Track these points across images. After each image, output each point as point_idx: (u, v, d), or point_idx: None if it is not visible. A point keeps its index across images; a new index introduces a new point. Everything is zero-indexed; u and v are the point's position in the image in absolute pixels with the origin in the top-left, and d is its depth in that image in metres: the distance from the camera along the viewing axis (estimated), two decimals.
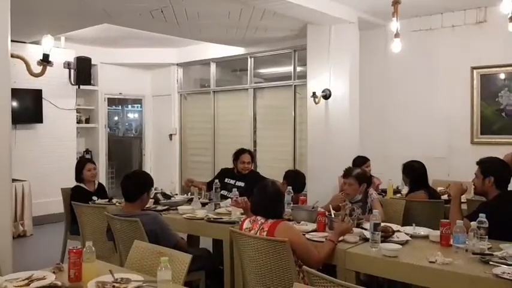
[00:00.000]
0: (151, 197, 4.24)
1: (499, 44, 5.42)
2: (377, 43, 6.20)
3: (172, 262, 2.36)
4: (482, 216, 2.67)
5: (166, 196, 4.49)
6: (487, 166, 3.17)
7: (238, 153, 4.82)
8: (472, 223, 2.70)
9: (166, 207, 4.16)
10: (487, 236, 2.64)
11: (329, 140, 5.90)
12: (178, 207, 4.04)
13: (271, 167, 7.30)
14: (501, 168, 3.15)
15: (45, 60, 3.10)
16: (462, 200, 3.86)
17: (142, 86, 9.25)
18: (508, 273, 2.26)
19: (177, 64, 8.94)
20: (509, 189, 3.22)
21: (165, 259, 2.03)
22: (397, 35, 4.43)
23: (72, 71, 7.63)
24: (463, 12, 5.72)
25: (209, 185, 4.60)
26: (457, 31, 5.79)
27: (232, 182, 4.63)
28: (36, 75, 3.20)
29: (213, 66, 8.50)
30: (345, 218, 3.07)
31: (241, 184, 4.58)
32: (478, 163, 3.24)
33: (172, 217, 3.87)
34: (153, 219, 3.23)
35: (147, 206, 3.74)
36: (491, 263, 2.42)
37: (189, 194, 4.67)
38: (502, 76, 5.55)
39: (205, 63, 8.59)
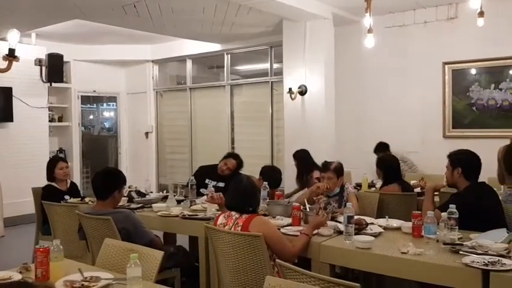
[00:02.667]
0: (125, 195, 4.19)
1: (469, 40, 5.53)
2: (352, 39, 6.24)
3: (144, 259, 2.32)
4: (452, 207, 2.71)
5: (140, 194, 4.43)
6: (455, 158, 3.24)
7: (227, 155, 4.81)
8: (442, 214, 2.74)
9: (140, 205, 4.10)
10: (457, 227, 2.68)
11: (305, 135, 5.92)
12: (153, 205, 3.99)
13: (249, 163, 7.18)
14: (468, 159, 3.21)
15: (11, 55, 3.01)
16: (435, 193, 3.94)
17: (117, 83, 9.10)
18: (477, 262, 2.29)
19: (153, 61, 8.83)
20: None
21: (135, 256, 1.99)
22: (370, 31, 4.46)
23: (43, 68, 7.45)
24: (435, 8, 5.81)
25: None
26: (429, 27, 5.88)
27: (213, 183, 4.55)
28: (2, 71, 3.10)
29: (189, 63, 8.43)
30: (319, 212, 3.08)
31: (222, 185, 4.53)
32: (448, 156, 3.31)
33: (146, 215, 3.81)
34: (126, 217, 3.17)
35: (120, 204, 3.69)
36: (461, 252, 2.46)
37: (165, 191, 4.61)
38: (473, 71, 5.66)
39: (181, 59, 8.51)
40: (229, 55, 7.85)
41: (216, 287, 2.99)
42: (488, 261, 2.29)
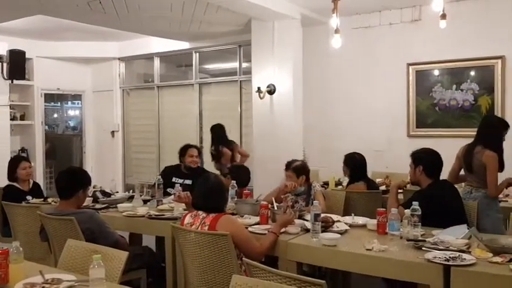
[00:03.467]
0: (90, 195, 4.10)
1: (432, 41, 5.67)
2: (320, 40, 6.30)
3: (108, 260, 2.28)
4: (415, 204, 2.78)
5: (105, 194, 4.34)
6: (417, 156, 3.35)
7: (185, 148, 4.75)
8: (406, 211, 2.80)
9: (105, 205, 4.03)
10: (420, 223, 2.75)
11: (274, 134, 5.94)
12: (118, 205, 3.92)
13: None
14: (429, 157, 3.31)
15: None
16: (399, 190, 4.03)
17: (82, 81, 8.87)
18: (439, 257, 2.36)
19: (119, 58, 8.65)
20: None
21: (98, 256, 1.95)
22: (337, 31, 4.51)
23: (4, 64, 7.19)
24: (400, 10, 5.94)
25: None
26: (394, 29, 6.00)
27: (180, 181, 4.52)
28: None
29: (156, 61, 8.32)
30: (287, 210, 3.10)
31: (189, 182, 4.49)
32: (410, 155, 3.40)
33: (111, 215, 3.75)
34: (89, 217, 3.10)
35: (84, 204, 3.60)
36: (423, 248, 2.53)
37: (131, 191, 4.54)
38: (436, 72, 5.82)
39: (149, 57, 8.39)
40: (197, 53, 7.79)
41: (183, 287, 2.96)
42: (450, 257, 2.36)
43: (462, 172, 3.93)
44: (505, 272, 2.19)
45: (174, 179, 4.58)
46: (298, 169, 3.83)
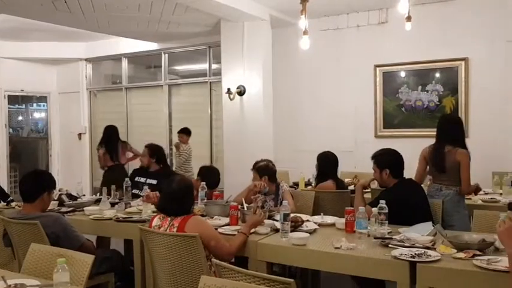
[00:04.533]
0: (55, 198, 4.00)
1: (399, 43, 5.81)
2: (289, 41, 6.34)
3: (73, 264, 2.22)
4: (382, 203, 2.82)
5: (72, 197, 4.24)
6: (380, 160, 3.40)
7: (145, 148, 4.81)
8: (373, 209, 2.84)
9: (71, 208, 3.93)
10: (387, 221, 2.80)
11: (244, 135, 5.95)
12: (85, 208, 3.83)
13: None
14: (394, 159, 3.39)
15: None
16: (366, 190, 4.10)
17: (48, 82, 8.66)
18: (405, 254, 2.41)
19: (86, 59, 8.50)
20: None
21: (62, 260, 1.90)
22: (305, 33, 4.53)
23: None
24: (367, 13, 6.05)
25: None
26: (361, 31, 6.11)
27: (143, 179, 4.51)
28: None
29: (124, 62, 8.20)
30: (256, 211, 3.10)
31: (153, 182, 4.46)
32: (372, 158, 3.45)
33: (78, 219, 3.66)
34: (55, 221, 3.02)
35: (50, 208, 3.50)
36: (390, 245, 2.57)
37: (98, 194, 4.45)
38: (402, 74, 5.95)
39: (117, 58, 8.26)
40: (166, 54, 7.72)
41: None
42: (415, 253, 2.40)
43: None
44: (469, 267, 2.24)
45: (137, 178, 4.57)
46: (261, 169, 3.85)
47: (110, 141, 6.00)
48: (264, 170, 3.87)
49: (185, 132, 6.81)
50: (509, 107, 5.33)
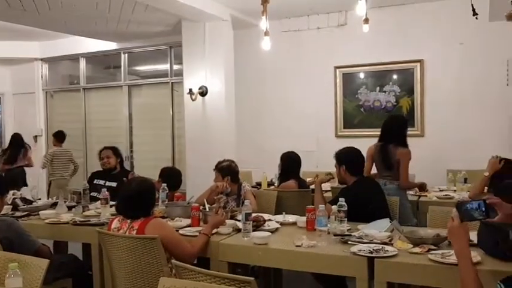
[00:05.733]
0: (9, 202, 3.85)
1: (358, 45, 5.93)
2: (251, 42, 6.35)
3: (27, 269, 2.14)
4: (342, 200, 2.88)
5: (26, 201, 4.08)
6: (339, 156, 3.52)
7: (100, 151, 4.68)
8: (333, 207, 2.89)
9: (26, 212, 3.78)
10: (346, 219, 2.85)
11: (207, 136, 5.92)
12: (41, 212, 3.69)
13: (150, 167, 7.08)
14: (350, 156, 3.48)
15: None
16: (327, 188, 4.18)
17: (1, 82, 8.32)
18: (364, 250, 2.46)
19: (42, 59, 8.23)
20: None
21: (14, 265, 1.82)
22: (266, 33, 4.55)
23: None
24: (327, 15, 6.15)
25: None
26: (321, 32, 6.20)
27: (101, 182, 4.40)
28: None
29: (82, 62, 7.99)
30: (218, 211, 3.08)
31: (113, 184, 4.36)
32: (334, 155, 3.55)
33: (33, 223, 3.53)
34: (8, 226, 2.89)
35: (3, 212, 3.36)
36: (349, 242, 2.62)
37: (54, 198, 4.31)
38: (361, 75, 6.09)
39: (74, 58, 8.03)
40: (126, 54, 7.58)
41: None
42: (373, 249, 2.46)
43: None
44: (424, 262, 2.32)
45: (96, 181, 4.46)
46: (223, 169, 3.85)
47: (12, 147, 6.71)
48: (227, 170, 3.87)
49: (55, 136, 7.10)
50: (463, 107, 5.55)
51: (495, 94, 5.35)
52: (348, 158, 3.44)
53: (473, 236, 2.49)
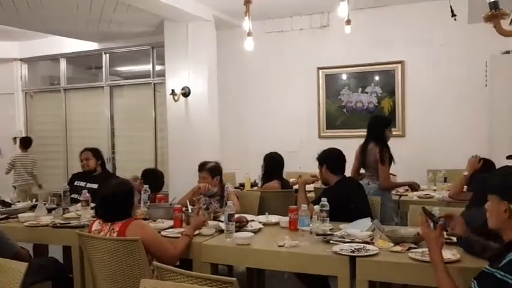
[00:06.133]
0: None
1: (340, 47, 5.98)
2: (234, 43, 6.33)
3: (4, 272, 2.11)
4: (324, 200, 2.89)
5: (5, 204, 4.00)
6: (320, 157, 3.55)
7: (80, 153, 4.61)
8: (315, 207, 2.90)
9: (4, 215, 3.71)
10: (328, 218, 2.87)
11: (189, 137, 5.89)
12: (20, 215, 3.63)
13: (132, 168, 6.99)
14: (330, 155, 3.51)
15: None
16: (310, 189, 4.19)
17: None
18: (345, 249, 2.47)
19: (21, 59, 8.09)
20: None
21: None
22: (249, 34, 4.55)
23: None
24: (310, 16, 6.19)
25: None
26: (304, 34, 6.23)
27: (82, 184, 4.34)
28: None
29: (63, 62, 7.88)
30: (199, 212, 3.07)
31: (94, 186, 4.31)
32: (316, 157, 3.57)
33: (11, 226, 3.45)
34: None
35: None
36: (331, 241, 2.63)
37: (34, 200, 4.24)
38: (344, 76, 6.14)
39: (55, 58, 7.91)
40: (107, 55, 7.50)
41: None
42: (355, 248, 2.48)
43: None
44: (405, 260, 2.34)
45: (76, 182, 4.40)
46: (212, 170, 3.82)
47: None
48: (216, 170, 3.85)
49: (20, 141, 7.17)
50: (443, 108, 5.63)
51: (474, 95, 5.44)
52: (328, 158, 3.47)
53: None
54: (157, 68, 7.14)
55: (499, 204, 1.73)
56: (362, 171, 4.22)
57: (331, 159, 3.46)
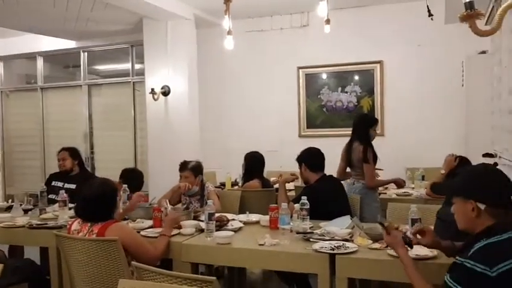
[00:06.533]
0: None
1: (320, 46, 6.02)
2: (215, 41, 6.30)
3: None
4: (304, 199, 2.91)
5: None
6: (299, 156, 3.59)
7: (58, 152, 4.53)
8: (295, 205, 2.92)
9: None
10: (308, 217, 2.88)
11: (169, 136, 5.85)
12: None
13: (112, 168, 6.92)
14: (308, 153, 3.56)
15: None
16: (291, 187, 4.21)
17: None
18: (325, 247, 2.49)
19: None
20: None
21: None
22: (229, 32, 4.54)
23: None
24: (290, 16, 6.21)
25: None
26: (284, 33, 6.25)
27: (60, 184, 4.27)
28: None
29: (40, 61, 7.72)
30: (167, 213, 3.06)
31: (72, 186, 4.24)
32: (296, 159, 3.61)
33: None
34: None
35: None
36: (311, 240, 2.65)
37: (10, 201, 4.15)
38: (324, 76, 6.18)
39: (31, 57, 7.74)
40: (86, 53, 7.38)
41: None
42: (334, 246, 2.50)
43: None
44: (384, 257, 2.37)
45: (54, 183, 4.32)
46: (195, 169, 3.81)
47: None
48: (198, 169, 3.84)
49: None
50: (421, 107, 5.72)
51: (451, 94, 5.54)
52: (307, 156, 3.52)
53: None
54: (137, 66, 7.06)
55: (465, 204, 1.75)
56: (349, 170, 4.23)
57: (309, 157, 3.50)
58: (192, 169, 3.78)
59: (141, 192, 3.36)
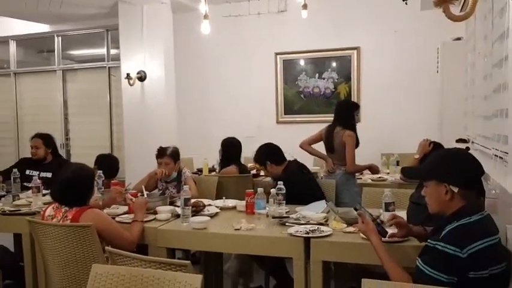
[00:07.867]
0: None
1: (297, 32, 6.01)
2: (192, 26, 6.25)
3: None
4: (280, 184, 2.92)
5: None
6: (258, 159, 3.69)
7: (30, 139, 4.42)
8: (272, 190, 2.93)
9: None
10: (284, 201, 2.91)
11: (146, 122, 5.79)
12: None
13: (87, 155, 6.78)
14: (269, 152, 3.65)
15: None
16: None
17: None
18: (300, 231, 2.52)
19: None
20: None
21: None
22: (206, 17, 4.51)
23: None
24: (267, 1, 6.17)
25: (5, 174, 4.07)
26: (262, 18, 6.21)
27: (35, 173, 4.16)
28: None
29: (12, 45, 7.51)
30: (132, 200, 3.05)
31: (48, 175, 4.16)
32: (254, 160, 3.74)
33: None
34: None
35: None
36: (287, 224, 2.68)
37: None
38: (301, 62, 6.18)
39: (3, 41, 7.52)
40: (60, 37, 7.21)
41: (44, 286, 2.74)
42: (310, 230, 2.53)
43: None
44: (357, 240, 2.41)
45: (28, 172, 4.22)
46: (174, 154, 3.78)
47: None
48: (176, 155, 3.82)
49: None
50: (397, 93, 5.78)
51: (427, 81, 5.61)
52: (267, 153, 3.61)
53: (403, 214, 2.63)
54: (112, 51, 6.93)
55: (438, 188, 1.78)
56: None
57: (271, 154, 3.59)
58: (171, 155, 3.75)
59: (119, 188, 3.31)
